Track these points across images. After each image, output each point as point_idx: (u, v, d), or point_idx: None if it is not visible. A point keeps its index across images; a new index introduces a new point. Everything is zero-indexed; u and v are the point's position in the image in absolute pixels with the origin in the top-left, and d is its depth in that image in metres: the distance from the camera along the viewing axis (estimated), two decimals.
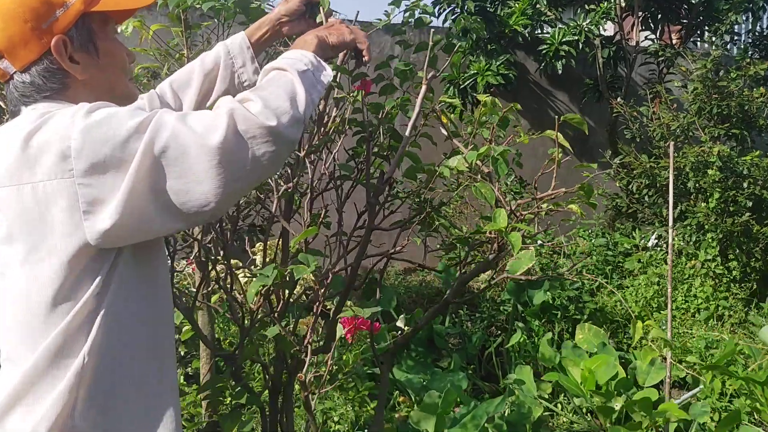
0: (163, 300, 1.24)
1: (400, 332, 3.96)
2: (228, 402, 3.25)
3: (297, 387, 1.64)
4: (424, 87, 1.45)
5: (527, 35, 6.42)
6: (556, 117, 1.34)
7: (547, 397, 4.07)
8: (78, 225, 1.05)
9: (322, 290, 1.43)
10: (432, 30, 1.57)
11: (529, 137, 1.52)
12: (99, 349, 1.10)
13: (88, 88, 1.21)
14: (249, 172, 1.06)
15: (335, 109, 1.68)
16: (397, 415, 3.68)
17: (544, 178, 1.58)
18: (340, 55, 1.59)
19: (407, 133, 1.47)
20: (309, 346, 1.36)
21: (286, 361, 1.54)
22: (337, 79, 1.59)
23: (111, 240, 1.07)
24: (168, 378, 1.21)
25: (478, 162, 1.39)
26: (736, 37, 7.16)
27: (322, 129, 1.62)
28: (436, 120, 1.54)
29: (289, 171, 1.61)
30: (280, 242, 1.71)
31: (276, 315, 1.51)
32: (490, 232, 1.37)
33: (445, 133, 1.45)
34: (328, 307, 1.98)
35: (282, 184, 1.72)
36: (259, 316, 1.48)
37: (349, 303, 1.77)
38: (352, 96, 1.59)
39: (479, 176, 1.55)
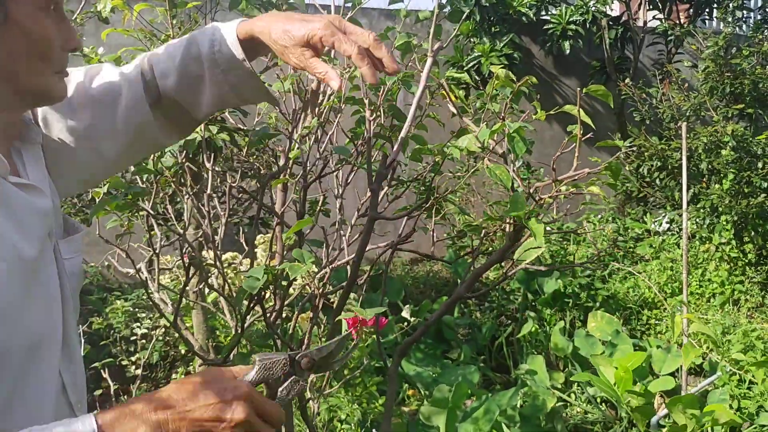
0: None
1: (407, 324, 3.86)
2: None
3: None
4: (429, 59, 1.32)
5: (533, 16, 6.26)
6: (578, 89, 1.21)
7: (560, 386, 3.97)
8: None
9: (321, 289, 1.31)
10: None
11: (536, 120, 1.39)
12: None
13: None
14: None
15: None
16: (406, 410, 3.58)
17: (558, 161, 1.44)
18: None
19: (412, 111, 1.34)
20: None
21: None
22: (332, 54, 1.46)
23: None
24: None
25: (491, 141, 1.27)
26: (747, 14, 6.99)
27: (317, 109, 1.49)
28: (443, 98, 1.41)
29: (281, 155, 1.49)
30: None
31: (272, 315, 1.39)
32: (507, 219, 1.25)
33: (454, 110, 1.33)
34: (332, 300, 1.86)
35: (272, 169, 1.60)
36: (251, 320, 1.36)
37: (352, 297, 1.65)
38: (348, 70, 1.45)
39: (486, 159, 1.43)
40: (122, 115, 1.10)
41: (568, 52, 6.36)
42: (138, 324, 3.17)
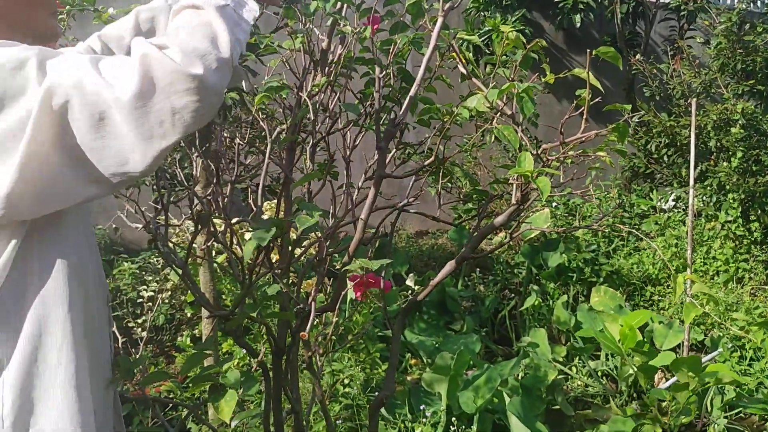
0: (88, 295, 1.07)
1: (411, 292, 3.89)
2: (236, 364, 3.20)
3: (303, 348, 1.55)
4: (440, 19, 1.32)
5: None
6: (588, 51, 1.21)
7: (561, 360, 4.00)
8: None
9: (326, 243, 1.33)
10: None
11: (546, 95, 1.39)
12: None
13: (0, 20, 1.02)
14: (170, 128, 0.90)
15: (340, 46, 1.55)
16: (409, 378, 3.61)
17: (566, 131, 1.44)
18: None
19: (421, 72, 1.35)
20: (313, 303, 1.26)
21: (289, 320, 1.44)
22: (343, 12, 1.46)
23: (13, 208, 0.89)
24: (97, 384, 1.09)
25: (500, 102, 1.27)
26: None
27: (327, 68, 1.50)
28: (453, 60, 1.41)
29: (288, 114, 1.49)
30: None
31: (279, 272, 1.41)
32: (515, 178, 1.25)
33: (463, 71, 1.33)
34: (337, 267, 1.87)
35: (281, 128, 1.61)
36: (259, 274, 1.38)
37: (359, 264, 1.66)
38: (357, 31, 1.45)
39: (495, 120, 1.43)
40: None
41: (578, 25, 6.31)
42: (144, 287, 3.20)
